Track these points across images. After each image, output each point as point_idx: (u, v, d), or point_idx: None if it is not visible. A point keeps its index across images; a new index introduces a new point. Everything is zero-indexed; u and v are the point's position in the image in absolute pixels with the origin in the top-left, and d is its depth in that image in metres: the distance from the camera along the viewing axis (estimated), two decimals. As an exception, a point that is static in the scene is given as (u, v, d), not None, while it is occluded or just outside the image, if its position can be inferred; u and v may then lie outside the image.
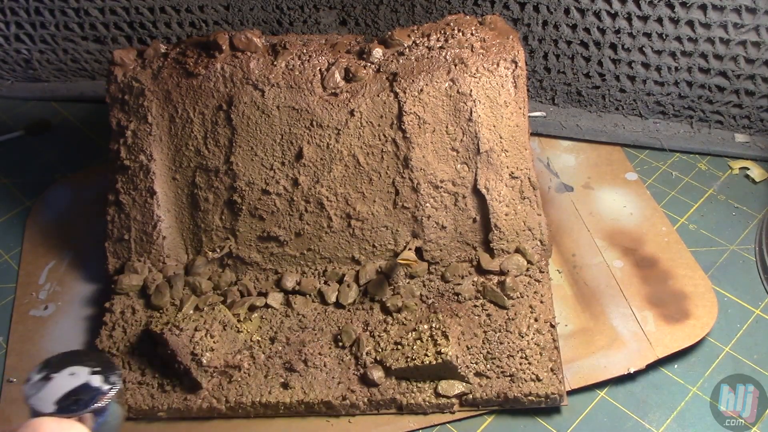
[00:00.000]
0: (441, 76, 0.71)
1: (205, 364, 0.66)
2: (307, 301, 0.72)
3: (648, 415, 0.66)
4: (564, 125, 0.90)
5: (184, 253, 0.75)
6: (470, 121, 0.71)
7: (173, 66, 0.73)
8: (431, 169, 0.71)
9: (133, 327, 0.71)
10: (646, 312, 0.71)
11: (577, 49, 0.86)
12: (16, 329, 0.74)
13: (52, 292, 0.77)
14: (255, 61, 0.72)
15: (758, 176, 0.85)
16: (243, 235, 0.73)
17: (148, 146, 0.73)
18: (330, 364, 0.68)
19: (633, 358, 0.68)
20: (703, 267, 0.75)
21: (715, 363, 0.70)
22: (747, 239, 0.79)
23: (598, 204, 0.82)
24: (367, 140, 0.71)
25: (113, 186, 0.75)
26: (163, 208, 0.74)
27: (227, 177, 0.72)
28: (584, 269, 0.76)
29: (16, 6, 0.93)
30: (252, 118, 0.71)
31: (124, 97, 0.74)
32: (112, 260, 0.75)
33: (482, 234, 0.73)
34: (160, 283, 0.73)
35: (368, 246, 0.73)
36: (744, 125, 0.87)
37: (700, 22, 0.81)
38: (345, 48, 0.73)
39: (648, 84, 0.86)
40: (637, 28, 0.83)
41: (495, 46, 0.73)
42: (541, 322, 0.69)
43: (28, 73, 0.99)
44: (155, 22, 0.93)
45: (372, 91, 0.71)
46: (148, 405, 0.66)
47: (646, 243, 0.78)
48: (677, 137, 0.88)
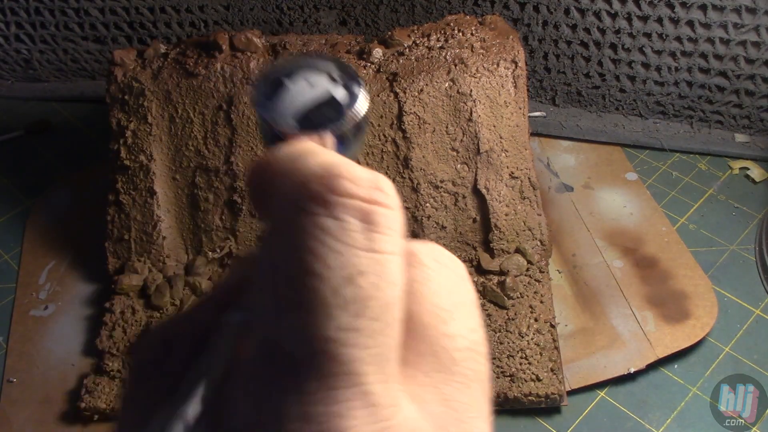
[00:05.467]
0: (441, 76, 0.71)
1: (205, 364, 0.66)
2: (307, 301, 0.72)
3: (648, 415, 0.66)
4: (564, 125, 0.90)
5: (184, 253, 0.75)
6: (470, 121, 0.71)
7: (173, 66, 0.73)
8: (431, 169, 0.71)
9: (133, 327, 0.71)
10: (646, 312, 0.71)
11: (577, 49, 0.86)
12: (16, 329, 0.74)
13: (52, 292, 0.77)
14: (255, 61, 0.72)
15: (758, 176, 0.85)
16: (243, 235, 0.73)
17: (148, 146, 0.73)
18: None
19: (633, 358, 0.68)
20: (703, 267, 0.75)
21: (715, 363, 0.69)
22: (747, 239, 0.79)
23: (598, 204, 0.82)
24: (367, 140, 0.71)
25: (113, 186, 0.75)
26: (163, 208, 0.74)
27: (227, 177, 0.72)
28: (584, 269, 0.76)
29: (16, 6, 0.93)
30: (252, 118, 0.71)
31: (124, 97, 0.74)
32: (112, 260, 0.75)
33: (482, 234, 0.73)
34: (160, 283, 0.73)
35: (368, 246, 0.73)
36: (744, 125, 0.87)
37: (700, 22, 0.81)
38: (345, 48, 0.73)
39: (648, 84, 0.86)
40: (637, 28, 0.83)
41: (495, 46, 0.73)
42: (541, 322, 0.69)
43: (28, 73, 0.99)
44: (155, 22, 0.93)
45: (372, 91, 0.71)
46: (148, 405, 0.66)
47: (646, 243, 0.78)
48: (677, 137, 0.88)
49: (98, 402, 0.66)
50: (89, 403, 0.66)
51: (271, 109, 0.27)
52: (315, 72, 0.28)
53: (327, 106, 0.27)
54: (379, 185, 0.22)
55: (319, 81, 0.28)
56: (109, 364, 0.68)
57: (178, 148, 0.73)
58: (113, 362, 0.68)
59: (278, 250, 0.21)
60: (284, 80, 0.28)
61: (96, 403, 0.66)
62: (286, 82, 0.28)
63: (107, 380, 0.68)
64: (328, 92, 0.27)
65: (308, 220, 0.21)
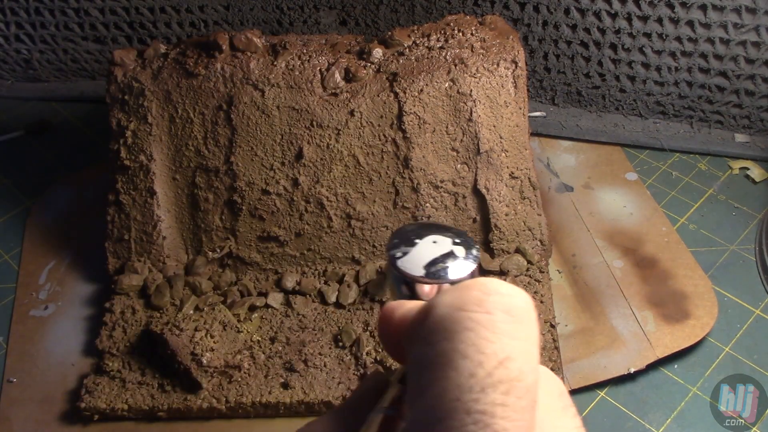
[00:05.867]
0: (441, 76, 0.71)
1: (205, 364, 0.66)
2: (307, 301, 0.72)
3: (648, 415, 0.66)
4: (564, 125, 0.90)
5: (184, 253, 0.75)
6: (470, 121, 0.71)
7: (173, 66, 0.73)
8: (431, 169, 0.71)
9: (133, 327, 0.71)
10: (646, 312, 0.71)
11: (577, 49, 0.86)
12: (16, 329, 0.74)
13: (52, 292, 0.77)
14: (255, 61, 0.72)
15: (758, 176, 0.85)
16: (243, 235, 0.73)
17: (148, 146, 0.73)
18: (330, 364, 0.68)
19: (633, 358, 0.68)
20: (703, 267, 0.75)
21: (715, 363, 0.70)
22: (747, 239, 0.79)
23: (598, 204, 0.82)
24: (367, 140, 0.71)
25: (113, 186, 0.75)
26: (163, 208, 0.74)
27: (227, 177, 0.72)
28: (584, 269, 0.76)
29: (16, 6, 0.93)
30: (252, 118, 0.71)
31: (124, 97, 0.74)
32: (112, 260, 0.75)
33: (482, 234, 0.73)
34: (160, 283, 0.73)
35: (368, 246, 0.73)
36: (744, 125, 0.87)
37: (700, 22, 0.81)
38: (345, 48, 0.73)
39: (648, 84, 0.86)
40: (637, 28, 0.83)
41: (495, 46, 0.73)
42: (541, 322, 0.69)
43: (28, 73, 0.99)
44: (155, 22, 0.93)
45: (372, 91, 0.71)
46: (148, 405, 0.66)
47: (646, 243, 0.78)
48: (677, 137, 0.88)
49: (98, 402, 0.66)
50: (89, 403, 0.66)
51: (405, 260, 0.34)
52: (440, 234, 0.35)
53: (449, 261, 0.34)
54: (520, 291, 0.27)
55: (443, 241, 0.34)
56: (109, 364, 0.68)
57: (178, 148, 0.73)
58: (113, 362, 0.68)
59: (433, 352, 0.26)
60: (415, 240, 0.35)
61: (96, 403, 0.66)
62: (417, 241, 0.35)
63: (107, 380, 0.68)
64: (450, 249, 0.34)
65: (465, 316, 0.25)
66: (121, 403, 0.66)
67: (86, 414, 0.66)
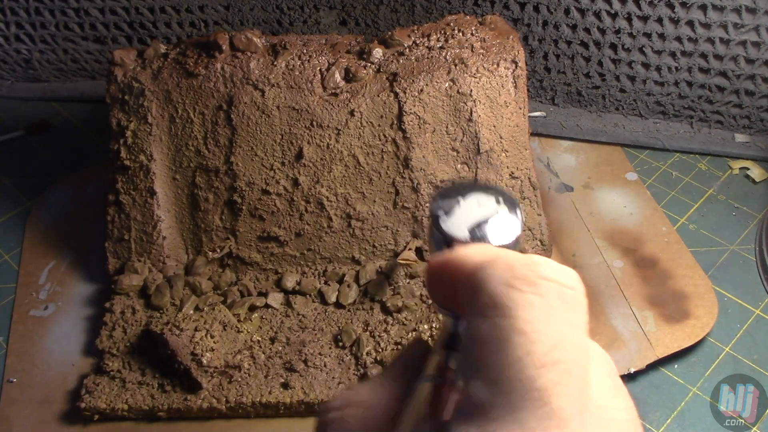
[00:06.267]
0: (441, 76, 0.71)
1: (205, 364, 0.66)
2: (307, 301, 0.72)
3: (648, 415, 0.66)
4: (564, 125, 0.90)
5: (184, 253, 0.75)
6: (470, 121, 0.71)
7: (173, 66, 0.73)
8: (431, 169, 0.71)
9: (133, 327, 0.71)
10: (646, 312, 0.71)
11: (577, 49, 0.86)
12: (16, 329, 0.74)
13: (52, 292, 0.77)
14: (255, 61, 0.72)
15: (758, 176, 0.85)
16: (243, 235, 0.73)
17: (148, 146, 0.73)
18: (330, 364, 0.68)
19: (633, 358, 0.68)
20: (703, 267, 0.75)
21: (715, 363, 0.70)
22: (747, 239, 0.79)
23: (598, 204, 0.82)
24: (367, 140, 0.71)
25: (113, 186, 0.75)
26: (163, 208, 0.74)
27: (227, 177, 0.72)
28: (584, 269, 0.76)
29: (16, 6, 0.93)
30: (252, 118, 0.71)
31: (124, 97, 0.74)
32: (112, 260, 0.75)
33: (482, 234, 0.73)
34: (160, 283, 0.73)
35: (368, 246, 0.73)
36: (744, 125, 0.87)
37: (700, 22, 0.81)
38: (345, 48, 0.73)
39: (648, 84, 0.86)
40: (637, 28, 0.83)
41: (495, 46, 0.73)
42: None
43: (28, 73, 0.99)
44: (155, 22, 0.93)
45: (372, 91, 0.71)
46: (148, 405, 0.66)
47: (646, 243, 0.78)
48: (677, 137, 0.88)
49: (98, 402, 0.66)
50: (89, 403, 0.66)
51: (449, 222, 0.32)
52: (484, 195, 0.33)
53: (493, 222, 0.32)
54: (571, 274, 0.27)
55: (487, 202, 0.33)
56: (109, 364, 0.68)
57: (178, 148, 0.73)
58: (113, 362, 0.68)
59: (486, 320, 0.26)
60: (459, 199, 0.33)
61: (96, 403, 0.66)
62: (460, 200, 0.33)
63: (107, 380, 0.68)
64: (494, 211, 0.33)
65: (519, 296, 0.26)
66: (121, 403, 0.66)
67: (86, 414, 0.66)
